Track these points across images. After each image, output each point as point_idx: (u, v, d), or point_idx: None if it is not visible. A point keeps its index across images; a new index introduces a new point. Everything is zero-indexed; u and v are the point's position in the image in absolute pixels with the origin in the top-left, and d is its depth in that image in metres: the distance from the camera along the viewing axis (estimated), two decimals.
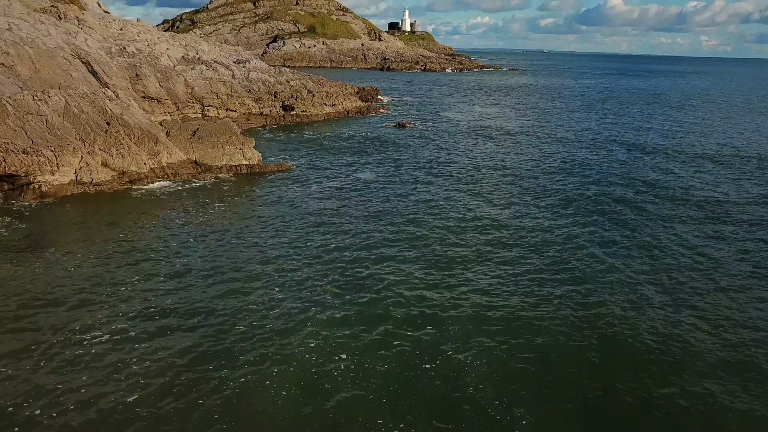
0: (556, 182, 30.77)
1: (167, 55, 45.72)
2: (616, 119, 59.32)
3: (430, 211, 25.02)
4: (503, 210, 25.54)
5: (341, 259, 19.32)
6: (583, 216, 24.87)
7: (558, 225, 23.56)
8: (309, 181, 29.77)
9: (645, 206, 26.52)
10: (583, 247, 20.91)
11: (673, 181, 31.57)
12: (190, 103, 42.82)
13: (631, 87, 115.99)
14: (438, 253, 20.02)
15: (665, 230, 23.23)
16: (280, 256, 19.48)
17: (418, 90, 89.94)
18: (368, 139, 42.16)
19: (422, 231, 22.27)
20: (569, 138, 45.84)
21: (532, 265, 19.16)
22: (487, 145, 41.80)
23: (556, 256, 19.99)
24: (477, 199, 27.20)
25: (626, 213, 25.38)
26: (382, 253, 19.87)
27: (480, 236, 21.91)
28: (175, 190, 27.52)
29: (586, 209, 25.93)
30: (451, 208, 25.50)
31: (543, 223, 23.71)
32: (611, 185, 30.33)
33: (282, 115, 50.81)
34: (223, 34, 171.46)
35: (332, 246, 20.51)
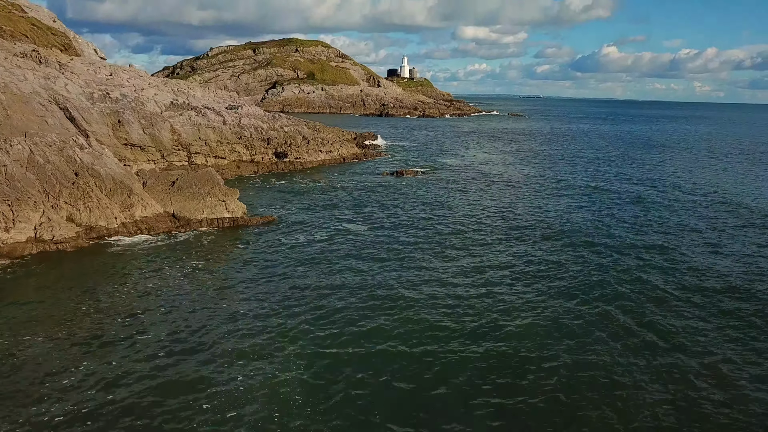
0: (564, 246, 28.09)
1: (154, 100, 43.86)
2: (618, 166, 57.25)
3: (424, 274, 22.25)
4: (503, 274, 22.76)
5: (321, 335, 16.44)
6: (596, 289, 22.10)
7: (572, 308, 20.75)
8: (296, 236, 27.10)
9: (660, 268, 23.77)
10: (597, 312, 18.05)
11: (689, 245, 28.93)
12: (176, 150, 40.64)
13: (630, 132, 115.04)
14: (432, 326, 17.14)
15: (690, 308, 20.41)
16: (256, 332, 16.59)
17: (417, 135, 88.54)
18: (363, 189, 39.76)
19: (415, 298, 19.44)
20: (574, 187, 43.49)
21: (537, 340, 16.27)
22: (488, 196, 39.36)
23: (576, 348, 17.12)
24: (474, 260, 24.45)
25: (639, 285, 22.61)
26: (368, 329, 17.00)
27: (477, 309, 19.06)
28: (150, 247, 24.85)
29: (596, 280, 23.18)
30: (446, 271, 22.72)
31: (551, 304, 20.89)
32: (624, 251, 27.66)
33: (274, 162, 48.64)
34: (222, 80, 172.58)
35: (313, 317, 17.66)
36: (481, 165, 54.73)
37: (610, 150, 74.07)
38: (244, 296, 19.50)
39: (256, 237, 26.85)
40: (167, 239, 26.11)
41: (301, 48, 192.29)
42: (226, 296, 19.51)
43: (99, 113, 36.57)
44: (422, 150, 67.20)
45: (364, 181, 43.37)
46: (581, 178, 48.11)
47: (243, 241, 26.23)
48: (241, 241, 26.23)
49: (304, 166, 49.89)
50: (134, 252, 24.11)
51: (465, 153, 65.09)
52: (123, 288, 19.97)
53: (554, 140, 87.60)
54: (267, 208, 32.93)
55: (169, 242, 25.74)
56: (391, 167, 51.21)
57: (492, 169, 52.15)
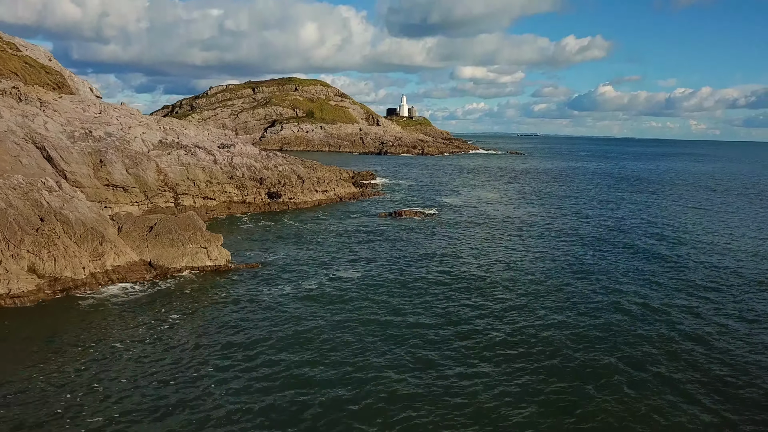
0: (574, 300, 25.63)
1: (141, 139, 42.01)
2: (626, 209, 55.17)
3: (423, 333, 19.72)
4: (511, 332, 20.23)
5: (303, 402, 13.84)
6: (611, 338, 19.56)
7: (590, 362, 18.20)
8: (282, 285, 24.60)
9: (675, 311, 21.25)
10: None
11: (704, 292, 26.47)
12: (162, 191, 38.50)
13: (634, 171, 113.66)
14: (431, 408, 14.55)
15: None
16: (230, 413, 13.98)
17: (416, 174, 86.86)
18: (358, 232, 37.44)
19: (411, 365, 16.88)
20: (581, 229, 41.23)
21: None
22: (492, 242, 37.03)
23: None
24: (481, 321, 21.95)
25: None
26: (356, 405, 14.40)
27: (481, 379, 16.47)
28: (122, 300, 22.39)
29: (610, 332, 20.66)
30: (447, 331, 20.20)
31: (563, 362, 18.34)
32: (639, 303, 25.20)
33: (267, 202, 46.49)
34: (221, 119, 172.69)
35: (295, 383, 15.08)
36: (483, 205, 52.61)
37: (615, 190, 72.21)
38: (220, 364, 16.93)
39: (239, 287, 24.35)
40: (142, 290, 23.64)
41: (300, 87, 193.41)
42: (205, 358, 16.94)
43: (79, 152, 34.59)
44: (421, 189, 65.25)
45: (359, 223, 41.10)
46: (588, 221, 45.90)
47: (226, 290, 23.72)
48: (225, 290, 23.72)
49: (298, 207, 47.73)
50: (103, 306, 21.61)
51: (466, 192, 63.10)
52: (85, 351, 17.42)
53: (556, 179, 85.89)
54: (254, 253, 30.53)
55: (144, 293, 23.26)
56: (389, 208, 49.06)
57: (495, 210, 49.98)
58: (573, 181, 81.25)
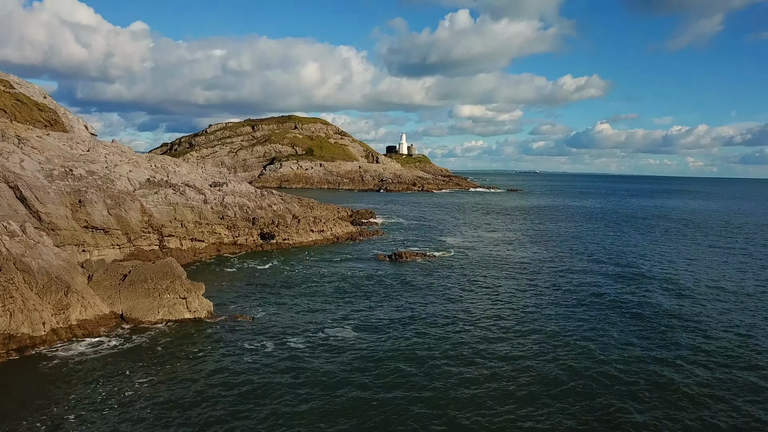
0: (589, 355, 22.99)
1: (128, 177, 39.89)
2: (627, 245, 52.75)
3: (426, 404, 17.03)
4: (522, 396, 17.54)
5: None
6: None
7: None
8: (266, 343, 21.92)
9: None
10: None
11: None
12: (146, 233, 36.12)
13: (638, 208, 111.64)
14: None
15: None
16: None
17: (417, 212, 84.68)
18: (354, 277, 34.85)
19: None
20: (589, 270, 38.71)
21: None
22: (498, 287, 34.48)
23: None
24: (491, 384, 19.28)
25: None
26: None
27: None
28: (89, 359, 19.80)
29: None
30: (453, 398, 17.50)
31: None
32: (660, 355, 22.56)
33: (260, 243, 44.06)
34: (220, 157, 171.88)
35: None
36: (487, 246, 50.16)
37: (623, 230, 69.88)
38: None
39: (218, 345, 21.67)
40: (110, 347, 20.99)
41: (300, 125, 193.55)
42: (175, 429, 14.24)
43: (57, 192, 32.37)
44: (422, 228, 62.89)
45: (356, 267, 38.54)
46: (601, 266, 43.39)
47: (201, 352, 21.02)
48: (199, 352, 21.03)
49: (292, 247, 45.25)
50: (62, 367, 18.95)
51: (468, 232, 60.73)
52: (33, 423, 14.71)
53: (559, 218, 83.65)
54: (239, 302, 27.90)
55: (111, 351, 20.60)
56: (389, 249, 46.60)
57: (500, 252, 47.51)
58: (576, 220, 78.94)
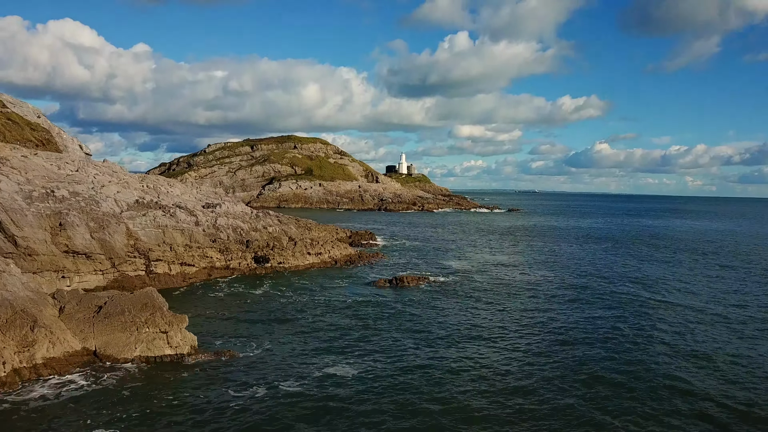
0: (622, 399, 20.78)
1: (114, 199, 37.93)
2: (642, 270, 50.62)
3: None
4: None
5: None
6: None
7: None
8: (257, 385, 19.69)
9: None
10: None
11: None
12: (131, 257, 34.02)
13: (643, 228, 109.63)
14: None
15: None
16: None
17: (417, 232, 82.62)
18: (353, 305, 32.63)
19: None
20: (607, 298, 36.56)
21: None
22: (508, 316, 32.30)
23: None
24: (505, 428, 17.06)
25: None
26: None
27: None
28: (51, 403, 17.54)
29: None
30: None
31: None
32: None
33: (253, 267, 41.91)
34: (218, 176, 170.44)
35: None
36: (492, 269, 47.99)
37: (635, 253, 67.79)
38: None
39: (200, 386, 19.44)
40: (77, 387, 18.78)
41: (299, 145, 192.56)
42: None
43: (35, 215, 30.37)
44: (424, 250, 60.76)
45: (355, 293, 36.33)
46: (612, 289, 41.23)
47: (180, 393, 18.79)
48: (177, 393, 18.79)
49: (288, 271, 43.08)
50: (20, 413, 16.72)
51: (471, 254, 58.60)
52: None
53: (563, 238, 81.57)
54: (227, 335, 25.67)
55: (78, 393, 18.38)
56: (390, 272, 44.46)
57: (506, 276, 45.34)
58: (583, 242, 76.85)
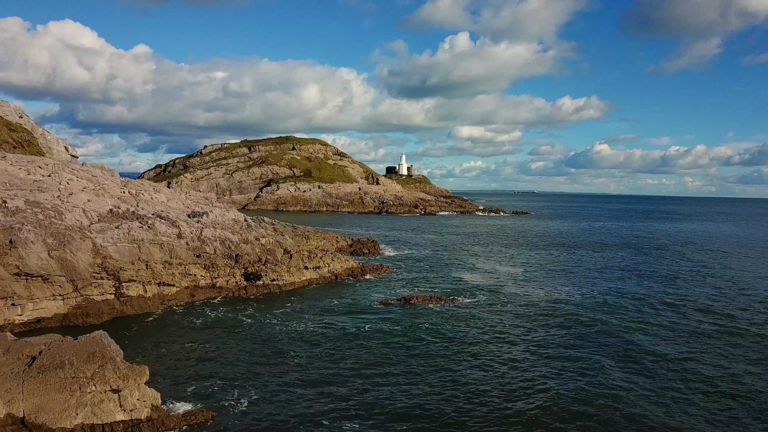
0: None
1: (83, 209, 33.08)
2: (672, 282, 45.79)
3: None
4: None
5: None
6: None
7: None
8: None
9: None
10: None
11: None
12: (98, 278, 29.13)
13: (653, 232, 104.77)
14: None
15: None
16: None
17: (422, 239, 77.74)
18: (356, 334, 27.72)
19: None
20: (641, 318, 31.76)
21: None
22: (533, 344, 27.48)
23: None
24: None
25: None
26: None
27: None
28: None
29: None
30: None
31: None
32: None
33: (243, 286, 37.02)
34: (215, 179, 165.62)
35: None
36: (508, 284, 43.14)
37: (660, 260, 62.92)
38: None
39: None
40: None
41: (298, 146, 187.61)
42: None
43: None
44: (431, 260, 55.88)
45: (359, 317, 31.45)
46: (644, 305, 36.42)
47: None
48: None
49: (282, 290, 38.21)
50: None
51: (483, 264, 53.73)
52: None
53: (578, 244, 76.62)
54: (202, 381, 20.80)
55: None
56: (397, 289, 39.66)
57: (526, 292, 40.49)
58: (602, 248, 71.91)
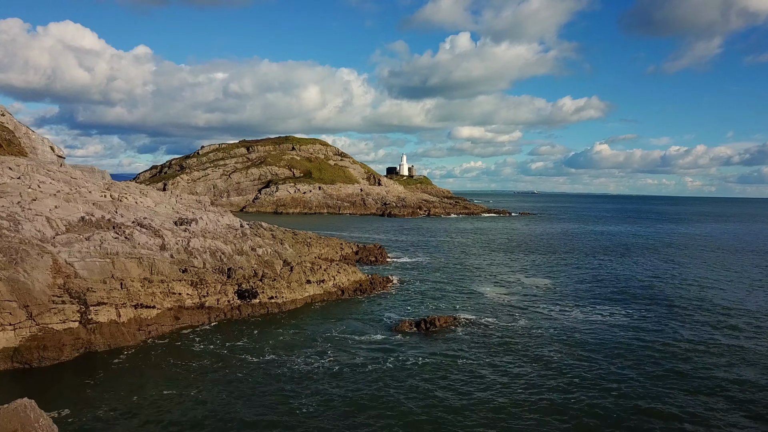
0: None
1: (47, 217, 28.08)
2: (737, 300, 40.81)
3: None
4: None
5: None
6: None
7: None
8: None
9: None
10: None
11: None
12: (58, 302, 24.11)
13: (682, 235, 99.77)
14: None
15: None
16: None
17: (432, 244, 72.72)
18: (377, 378, 22.58)
19: None
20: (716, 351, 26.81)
21: None
22: (583, 383, 22.50)
23: None
24: None
25: None
26: None
27: None
28: None
29: None
30: None
31: None
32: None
33: (237, 305, 32.01)
34: (212, 180, 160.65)
35: None
36: (538, 301, 38.15)
37: (699, 264, 57.92)
38: None
39: None
40: None
41: (298, 146, 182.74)
42: None
43: None
44: (446, 270, 50.86)
45: (372, 348, 26.34)
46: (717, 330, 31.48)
47: None
48: None
49: (282, 309, 33.23)
50: None
51: (504, 275, 48.73)
52: None
53: (601, 249, 71.51)
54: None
55: None
56: (412, 308, 34.69)
57: (563, 310, 35.49)
58: (623, 251, 66.87)
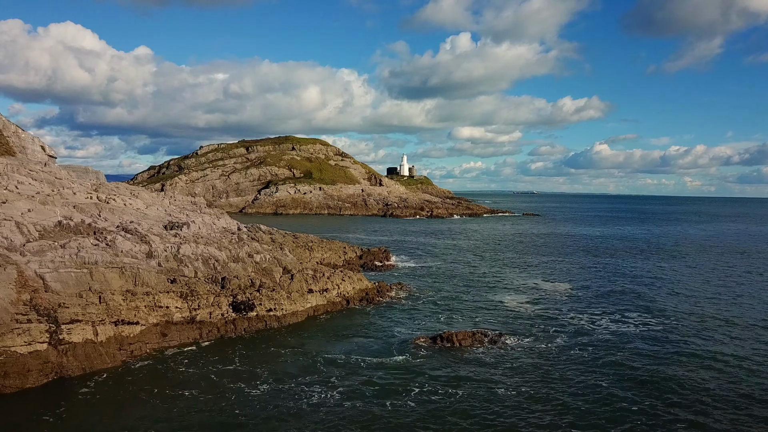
0: None
1: (17, 222, 24.90)
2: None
3: None
4: None
5: None
6: None
7: None
8: None
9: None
10: None
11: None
12: (23, 321, 20.90)
13: (704, 237, 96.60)
14: None
15: None
16: None
17: (439, 247, 69.52)
18: (394, 410, 19.46)
19: None
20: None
21: None
22: (629, 410, 19.32)
23: None
24: None
25: None
26: None
27: None
28: None
29: None
30: None
31: None
32: None
33: (231, 319, 28.81)
34: (211, 180, 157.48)
35: None
36: (565, 309, 34.98)
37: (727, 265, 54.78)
38: None
39: None
40: None
41: (298, 146, 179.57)
42: None
43: None
44: (458, 276, 47.62)
45: (388, 373, 23.13)
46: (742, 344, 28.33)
47: None
48: None
49: (281, 323, 30.05)
50: None
51: (520, 280, 45.53)
52: None
53: (615, 251, 68.31)
54: None
55: None
56: (425, 320, 31.53)
57: (591, 321, 32.33)
58: (637, 252, 63.66)
